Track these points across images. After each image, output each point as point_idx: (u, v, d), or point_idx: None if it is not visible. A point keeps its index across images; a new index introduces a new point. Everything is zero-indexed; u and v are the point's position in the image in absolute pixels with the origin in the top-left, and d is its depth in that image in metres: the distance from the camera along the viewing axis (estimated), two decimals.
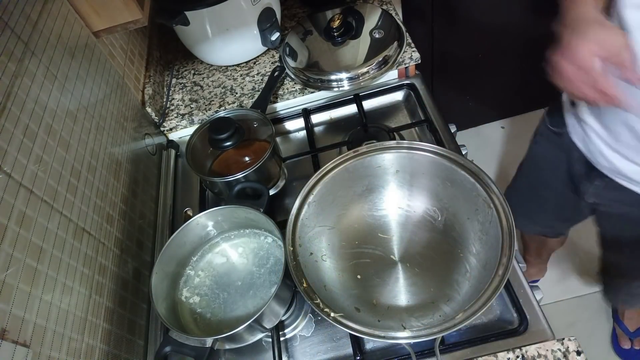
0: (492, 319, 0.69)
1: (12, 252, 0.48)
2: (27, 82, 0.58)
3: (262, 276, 0.73)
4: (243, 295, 0.72)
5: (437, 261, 0.71)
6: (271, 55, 1.12)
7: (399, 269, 0.71)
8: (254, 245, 0.77)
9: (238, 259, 0.76)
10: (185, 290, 0.73)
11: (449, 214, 0.73)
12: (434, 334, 0.56)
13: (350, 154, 0.74)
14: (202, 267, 0.76)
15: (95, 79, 0.77)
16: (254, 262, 0.75)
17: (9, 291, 0.46)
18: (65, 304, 0.55)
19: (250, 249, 0.77)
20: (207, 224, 0.75)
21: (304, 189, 0.72)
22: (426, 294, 0.68)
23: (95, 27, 0.78)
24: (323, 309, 0.60)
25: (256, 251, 0.76)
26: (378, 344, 0.69)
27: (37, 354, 0.48)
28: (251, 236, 0.78)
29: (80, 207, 0.64)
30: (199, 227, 0.75)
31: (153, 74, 1.05)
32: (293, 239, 0.67)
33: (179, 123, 1.03)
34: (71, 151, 0.64)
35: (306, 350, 0.71)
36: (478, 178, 0.67)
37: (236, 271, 0.75)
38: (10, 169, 0.51)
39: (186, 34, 1.05)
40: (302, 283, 0.63)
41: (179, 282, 0.74)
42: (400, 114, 1.01)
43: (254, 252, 0.76)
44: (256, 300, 0.70)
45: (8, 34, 0.57)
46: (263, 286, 0.72)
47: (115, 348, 0.64)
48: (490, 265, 0.61)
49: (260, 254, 0.75)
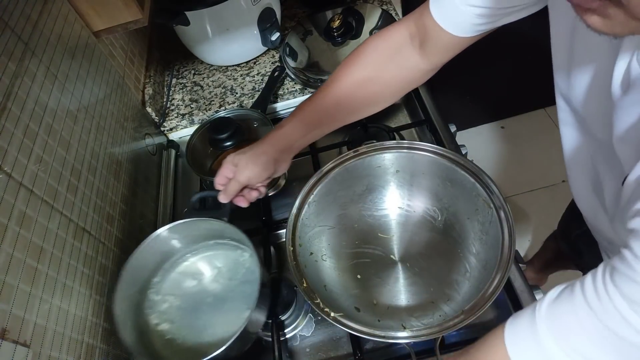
0: (492, 319, 0.69)
1: (12, 252, 0.48)
2: (27, 82, 0.58)
3: (235, 288, 0.69)
4: (217, 311, 0.67)
5: (437, 261, 0.71)
6: (271, 55, 1.12)
7: (399, 269, 0.72)
8: (222, 257, 0.72)
9: (207, 275, 0.71)
10: (154, 317, 0.67)
11: (449, 214, 0.73)
12: (434, 334, 0.56)
13: (350, 154, 0.74)
14: (167, 289, 0.70)
15: (95, 79, 0.77)
16: (224, 275, 0.70)
17: (9, 291, 0.46)
18: (66, 304, 0.55)
19: (219, 262, 0.72)
20: (169, 240, 0.70)
21: (304, 189, 0.72)
22: (426, 294, 0.68)
23: (96, 27, 0.78)
24: (323, 308, 0.60)
25: (225, 264, 0.72)
26: (378, 344, 0.69)
27: (37, 353, 0.48)
28: (218, 248, 0.73)
29: (81, 207, 0.64)
30: (161, 244, 0.69)
31: (153, 74, 1.05)
32: (293, 239, 0.67)
33: (179, 123, 1.03)
34: (71, 151, 0.64)
35: (306, 350, 0.71)
36: (478, 178, 0.67)
37: (205, 288, 0.70)
38: (11, 169, 0.51)
39: (186, 34, 1.05)
40: (302, 283, 0.63)
41: (144, 308, 0.68)
42: (400, 113, 1.01)
43: (223, 264, 0.72)
44: (233, 315, 0.66)
45: (8, 34, 0.57)
46: (237, 299, 0.67)
47: (115, 348, 0.64)
48: (490, 265, 0.61)
49: (230, 265, 0.71)
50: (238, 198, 0.68)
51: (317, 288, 0.63)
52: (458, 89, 1.77)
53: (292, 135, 0.67)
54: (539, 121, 1.96)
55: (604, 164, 0.51)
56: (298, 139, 0.67)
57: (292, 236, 0.67)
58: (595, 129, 0.49)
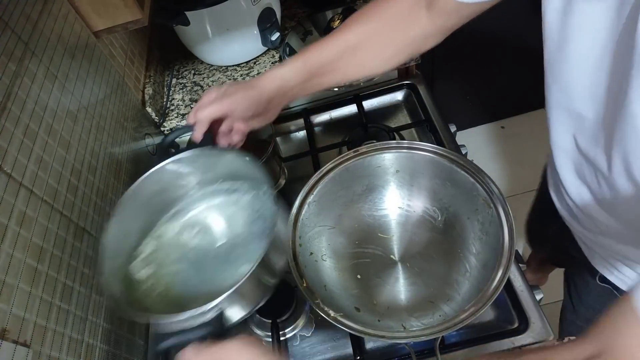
0: (492, 319, 0.69)
1: (12, 252, 0.48)
2: (27, 82, 0.58)
3: (243, 234, 0.60)
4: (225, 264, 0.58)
5: (437, 261, 0.71)
6: (271, 55, 1.12)
7: (399, 269, 0.72)
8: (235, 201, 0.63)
9: (212, 223, 0.62)
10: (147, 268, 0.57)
11: (449, 214, 0.73)
12: (434, 334, 0.56)
13: (350, 153, 0.74)
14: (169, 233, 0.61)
15: (95, 78, 0.77)
16: (238, 220, 0.61)
17: (9, 291, 0.46)
18: (66, 304, 0.55)
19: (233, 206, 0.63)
20: (181, 173, 0.59)
21: (304, 189, 0.72)
22: (426, 294, 0.68)
23: (96, 27, 0.78)
24: (323, 308, 0.60)
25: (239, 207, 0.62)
26: (378, 344, 0.69)
27: (37, 353, 0.48)
28: (226, 194, 0.63)
29: (81, 207, 0.64)
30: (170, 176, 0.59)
31: (153, 74, 1.05)
32: (293, 239, 0.67)
33: (179, 123, 1.03)
34: (71, 151, 0.64)
35: (306, 350, 0.71)
36: (478, 178, 0.67)
37: (213, 233, 0.61)
38: (11, 169, 0.51)
39: (186, 34, 1.05)
40: (302, 283, 0.63)
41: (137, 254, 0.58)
42: (400, 113, 1.01)
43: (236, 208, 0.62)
44: (244, 260, 0.57)
45: (8, 34, 0.57)
46: (249, 242, 0.59)
47: (115, 348, 0.64)
48: (490, 265, 0.61)
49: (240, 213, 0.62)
50: (219, 136, 0.60)
51: (317, 288, 0.63)
52: (458, 89, 1.77)
53: (292, 78, 0.62)
54: (539, 121, 1.94)
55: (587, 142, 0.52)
56: (296, 84, 0.63)
57: (292, 236, 0.67)
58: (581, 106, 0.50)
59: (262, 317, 0.72)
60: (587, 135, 0.52)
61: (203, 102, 0.59)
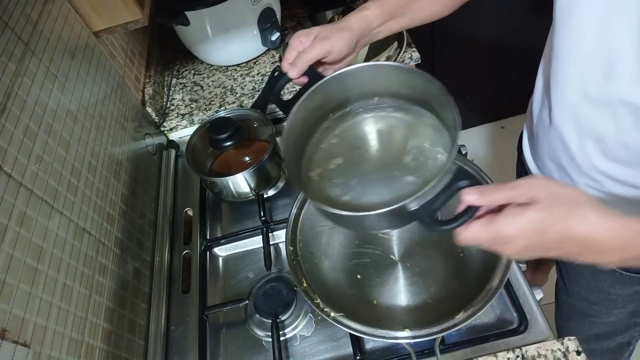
0: (492, 319, 0.69)
1: (12, 252, 0.48)
2: (27, 82, 0.58)
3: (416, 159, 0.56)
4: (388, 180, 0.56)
5: (437, 261, 0.71)
6: (271, 55, 1.12)
7: (399, 269, 0.71)
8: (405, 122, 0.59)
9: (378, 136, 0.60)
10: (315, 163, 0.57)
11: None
12: (434, 334, 0.56)
13: None
14: (332, 142, 0.60)
15: (95, 78, 0.77)
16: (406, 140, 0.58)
17: (9, 291, 0.46)
18: (66, 304, 0.55)
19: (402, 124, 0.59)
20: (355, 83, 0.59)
21: None
22: (426, 294, 0.68)
23: (96, 27, 0.78)
24: (323, 308, 0.60)
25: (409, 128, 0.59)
26: (378, 344, 0.69)
27: (37, 353, 0.48)
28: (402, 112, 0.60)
29: (81, 207, 0.64)
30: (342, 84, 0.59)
31: (153, 74, 1.05)
32: (293, 239, 0.67)
33: (179, 123, 1.03)
34: (71, 151, 0.64)
35: (306, 350, 0.71)
36: (478, 178, 0.67)
37: (377, 150, 0.59)
38: (11, 169, 0.51)
39: (186, 34, 1.05)
40: (302, 283, 0.63)
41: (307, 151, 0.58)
42: None
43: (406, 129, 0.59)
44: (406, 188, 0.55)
45: (8, 34, 0.57)
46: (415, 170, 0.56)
47: (115, 348, 0.64)
48: (490, 265, 0.61)
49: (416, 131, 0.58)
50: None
51: (317, 288, 0.63)
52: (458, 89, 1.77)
53: (374, 20, 0.64)
54: None
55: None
56: (376, 26, 0.65)
57: (292, 236, 0.68)
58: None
59: (262, 317, 0.72)
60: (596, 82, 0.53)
61: (302, 46, 0.62)
